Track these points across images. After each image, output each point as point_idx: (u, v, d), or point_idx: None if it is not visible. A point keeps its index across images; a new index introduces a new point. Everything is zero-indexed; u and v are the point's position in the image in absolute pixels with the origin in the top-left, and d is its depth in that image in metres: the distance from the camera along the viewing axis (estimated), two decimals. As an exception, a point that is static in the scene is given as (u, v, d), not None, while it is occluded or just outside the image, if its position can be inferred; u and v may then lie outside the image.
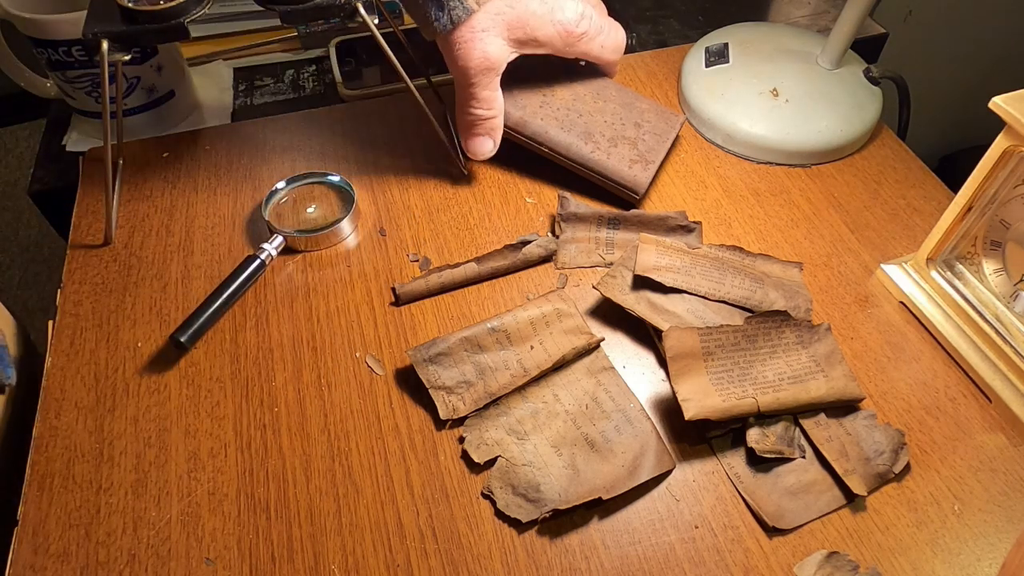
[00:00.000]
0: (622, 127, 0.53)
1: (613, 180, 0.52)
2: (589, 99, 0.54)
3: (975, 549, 0.38)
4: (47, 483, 0.40)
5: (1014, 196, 0.42)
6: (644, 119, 0.54)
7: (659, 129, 0.54)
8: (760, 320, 0.43)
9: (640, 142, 0.53)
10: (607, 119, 0.54)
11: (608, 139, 0.52)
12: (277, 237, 0.49)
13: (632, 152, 0.52)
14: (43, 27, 0.52)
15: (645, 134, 0.54)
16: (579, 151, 0.52)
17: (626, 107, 0.55)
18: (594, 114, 0.54)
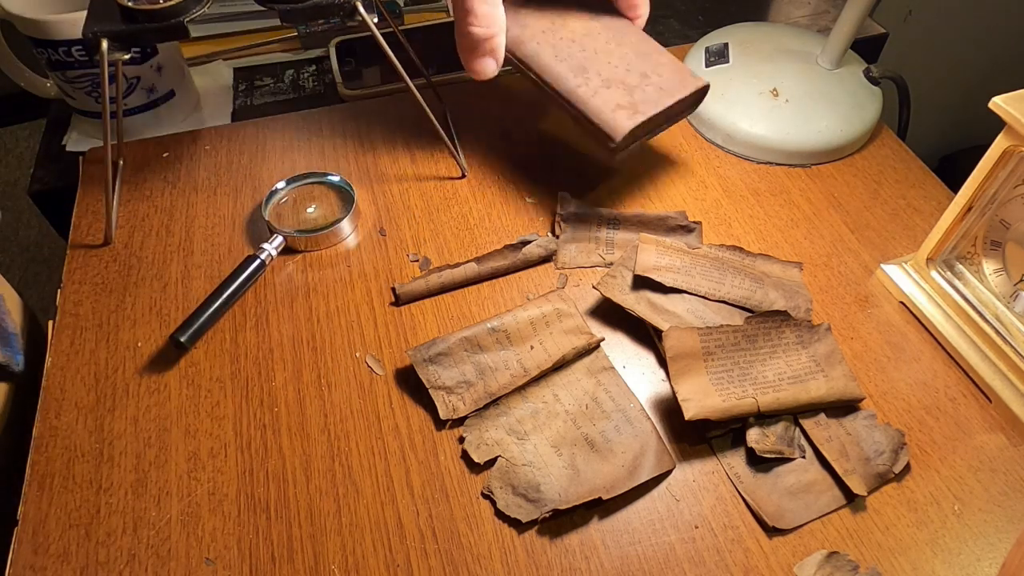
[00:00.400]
0: (626, 73, 0.48)
1: (590, 120, 0.47)
2: (602, 38, 0.49)
3: (975, 549, 0.38)
4: (47, 483, 0.40)
5: (1014, 196, 0.42)
6: (656, 72, 0.48)
7: (668, 84, 0.48)
8: (760, 320, 0.43)
9: (638, 91, 0.47)
10: (612, 61, 0.48)
11: (603, 79, 0.48)
12: (277, 237, 0.49)
13: (624, 98, 0.47)
14: (43, 27, 0.52)
15: (648, 85, 0.48)
16: (564, 83, 0.47)
17: (641, 56, 0.49)
18: (599, 53, 0.49)
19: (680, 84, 0.48)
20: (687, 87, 0.48)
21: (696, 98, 0.48)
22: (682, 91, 0.48)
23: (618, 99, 0.47)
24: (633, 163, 0.56)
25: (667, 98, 0.47)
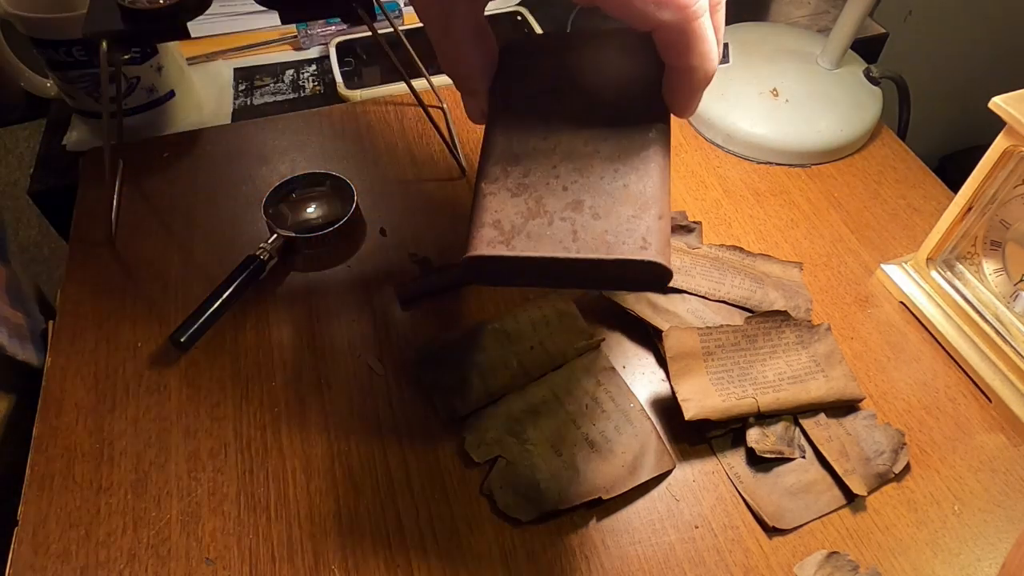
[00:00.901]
0: (576, 191, 0.31)
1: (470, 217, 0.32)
2: (599, 148, 0.33)
3: (975, 549, 0.38)
4: (47, 483, 0.40)
5: (1014, 196, 0.42)
6: (619, 219, 0.31)
7: (612, 239, 0.30)
8: (760, 320, 0.43)
9: (559, 223, 0.31)
10: (581, 172, 0.32)
11: (528, 181, 0.32)
12: (277, 237, 0.49)
13: (526, 218, 0.31)
14: (43, 27, 0.52)
15: (587, 227, 0.31)
16: (485, 160, 0.33)
17: (625, 192, 0.31)
18: (574, 155, 0.33)
19: (625, 245, 0.29)
20: (625, 251, 0.29)
21: (642, 273, 0.29)
22: (613, 252, 0.29)
23: (515, 215, 0.31)
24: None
25: (573, 249, 0.30)
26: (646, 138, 0.32)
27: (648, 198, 0.31)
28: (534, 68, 0.35)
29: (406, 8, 0.72)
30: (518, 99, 0.34)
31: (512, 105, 0.34)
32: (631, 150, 0.32)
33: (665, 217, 0.30)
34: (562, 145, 0.32)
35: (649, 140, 0.32)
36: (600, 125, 0.33)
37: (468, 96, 0.36)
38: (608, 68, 0.35)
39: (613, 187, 0.31)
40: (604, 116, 0.33)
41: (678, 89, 0.31)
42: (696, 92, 0.31)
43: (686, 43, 0.28)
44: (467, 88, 0.35)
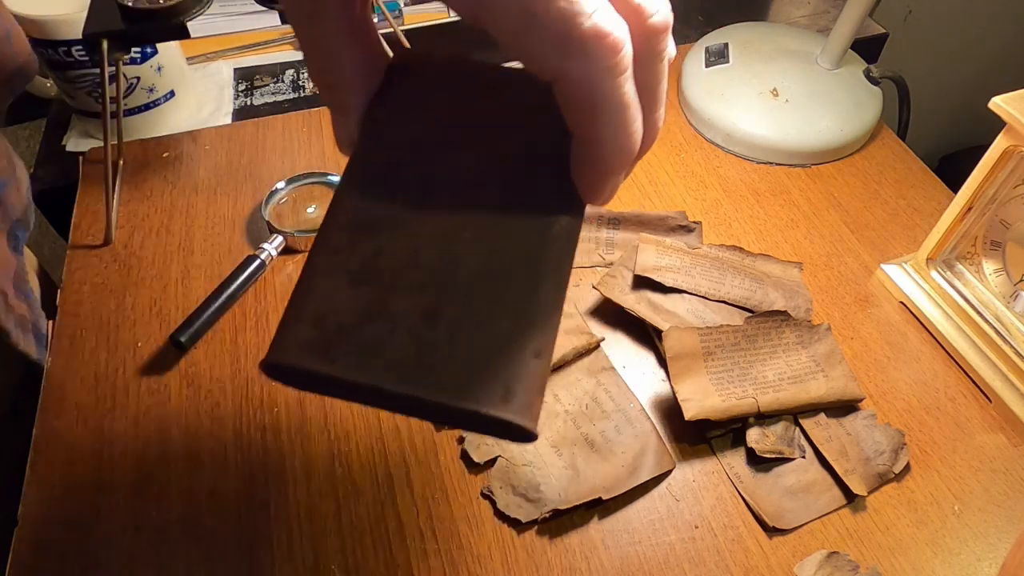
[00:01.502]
0: (436, 301, 0.24)
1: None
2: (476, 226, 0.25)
3: (975, 549, 0.38)
4: (47, 483, 0.40)
5: (1014, 196, 0.42)
6: (494, 339, 0.23)
7: (468, 383, 0.23)
8: (760, 320, 0.43)
9: (408, 333, 0.24)
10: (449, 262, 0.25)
11: (360, 270, 0.25)
12: (277, 237, 0.49)
13: (358, 319, 0.24)
14: (43, 27, 0.52)
15: (445, 341, 0.23)
16: (323, 233, 0.26)
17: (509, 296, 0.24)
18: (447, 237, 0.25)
19: (481, 392, 0.22)
20: (480, 401, 0.22)
21: (498, 428, 0.22)
22: (462, 399, 0.22)
23: (348, 311, 0.23)
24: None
25: (411, 381, 0.22)
26: (546, 235, 0.24)
27: (528, 324, 0.23)
28: (425, 99, 0.26)
29: (406, 8, 0.72)
30: (395, 139, 0.26)
31: (386, 145, 0.26)
32: (522, 249, 0.24)
33: (545, 355, 0.23)
34: (435, 221, 0.24)
35: (549, 239, 0.24)
36: (491, 202, 0.24)
37: (337, 114, 0.27)
38: (520, 124, 0.26)
39: (486, 299, 0.23)
40: (499, 190, 0.25)
41: (583, 166, 0.23)
42: (606, 175, 0.23)
43: (595, 106, 0.20)
44: (336, 103, 0.26)
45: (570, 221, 0.24)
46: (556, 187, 0.25)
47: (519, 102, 0.26)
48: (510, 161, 0.25)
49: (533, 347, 0.23)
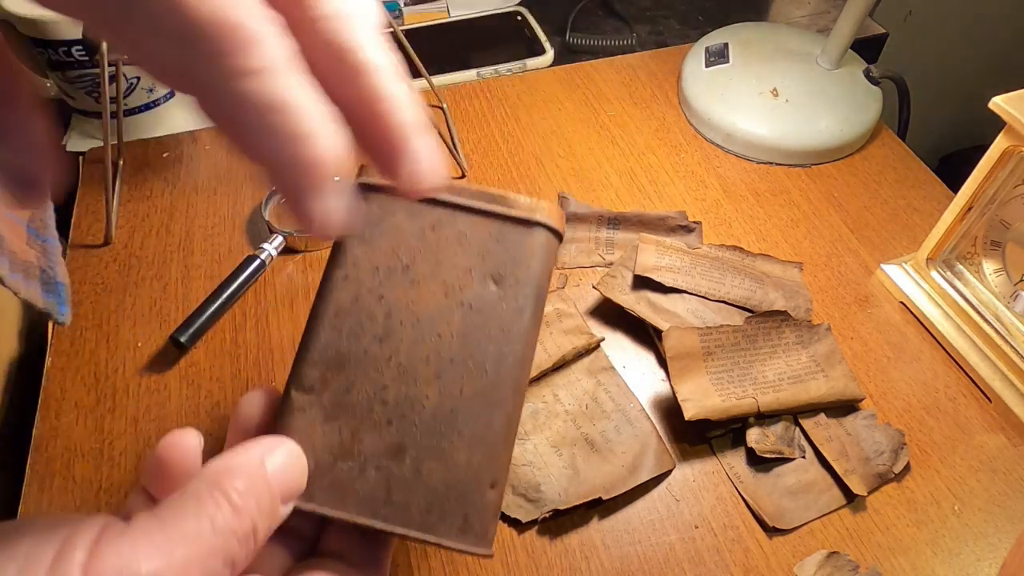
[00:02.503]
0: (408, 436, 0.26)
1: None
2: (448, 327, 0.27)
3: (975, 549, 0.38)
4: (47, 483, 0.40)
5: (1014, 196, 0.42)
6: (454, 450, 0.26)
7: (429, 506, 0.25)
8: (760, 320, 0.43)
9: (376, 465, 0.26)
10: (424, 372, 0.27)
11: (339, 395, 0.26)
12: (277, 237, 0.49)
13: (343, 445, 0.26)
14: (43, 27, 0.52)
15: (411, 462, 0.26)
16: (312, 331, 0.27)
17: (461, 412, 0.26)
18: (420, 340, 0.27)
19: (443, 523, 0.25)
20: (441, 533, 0.25)
21: (460, 552, 0.25)
22: (427, 531, 0.25)
23: (323, 448, 0.25)
24: (633, 163, 0.56)
25: (381, 515, 0.25)
26: (500, 369, 0.26)
27: (483, 456, 0.26)
28: (391, 226, 0.27)
29: (406, 8, 0.72)
30: (363, 269, 0.27)
31: (355, 277, 0.27)
32: (480, 383, 0.26)
33: (499, 485, 0.26)
34: (400, 355, 0.26)
35: (503, 373, 0.26)
36: (451, 336, 0.26)
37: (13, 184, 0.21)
38: (478, 254, 0.27)
39: (446, 434, 0.26)
40: (459, 324, 0.26)
41: (280, 185, 0.19)
42: (297, 193, 0.18)
43: (232, 116, 0.17)
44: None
45: (522, 353, 0.27)
46: (512, 323, 0.27)
47: (478, 230, 0.27)
48: (474, 296, 0.27)
49: (489, 478, 0.26)
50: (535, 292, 0.27)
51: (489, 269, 0.27)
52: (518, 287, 0.27)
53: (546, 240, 0.28)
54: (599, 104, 0.61)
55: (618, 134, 0.59)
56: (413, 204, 0.27)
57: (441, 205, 0.27)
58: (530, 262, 0.27)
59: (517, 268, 0.27)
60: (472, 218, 0.28)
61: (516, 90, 0.62)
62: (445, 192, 0.27)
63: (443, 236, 0.27)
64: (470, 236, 0.27)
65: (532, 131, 0.59)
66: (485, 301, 0.27)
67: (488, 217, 0.27)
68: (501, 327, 0.27)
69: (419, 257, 0.27)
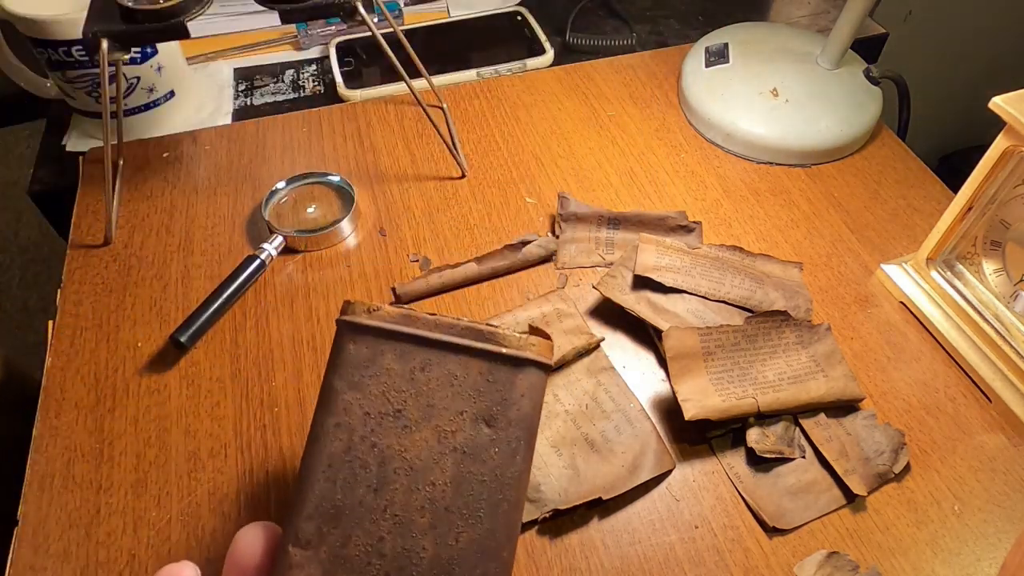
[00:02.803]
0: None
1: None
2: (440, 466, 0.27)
3: (975, 549, 0.38)
4: (47, 483, 0.40)
5: (1014, 196, 0.42)
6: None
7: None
8: (760, 320, 0.43)
9: None
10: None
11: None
12: (277, 237, 0.49)
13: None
14: (43, 27, 0.52)
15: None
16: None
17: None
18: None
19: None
20: None
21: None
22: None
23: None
24: (633, 163, 0.56)
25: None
26: (495, 515, 0.26)
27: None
28: (380, 368, 0.27)
29: (406, 8, 0.72)
30: (355, 416, 0.26)
31: (347, 424, 0.26)
32: (475, 531, 0.26)
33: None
34: (395, 505, 0.26)
35: (498, 520, 0.26)
36: (445, 484, 0.26)
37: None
38: (471, 402, 0.27)
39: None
40: (452, 470, 0.26)
41: None
42: None
43: None
44: None
45: (516, 496, 0.26)
46: (502, 462, 0.26)
47: (468, 370, 0.27)
48: (459, 437, 0.26)
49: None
50: (527, 432, 0.27)
51: (480, 411, 0.27)
52: (510, 428, 0.27)
53: (536, 378, 0.28)
54: (599, 104, 0.61)
55: (618, 134, 0.59)
56: (401, 344, 0.27)
57: (430, 344, 0.27)
58: (521, 403, 0.27)
59: (508, 409, 0.27)
60: (461, 357, 0.27)
61: (516, 90, 0.62)
62: (434, 329, 0.27)
63: (433, 377, 0.27)
64: (460, 377, 0.27)
65: (532, 131, 0.59)
66: (478, 444, 0.27)
67: (478, 355, 0.27)
68: (494, 472, 0.26)
69: (410, 400, 0.27)
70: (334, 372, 0.27)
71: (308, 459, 0.26)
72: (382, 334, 0.27)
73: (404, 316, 0.27)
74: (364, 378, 0.27)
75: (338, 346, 0.27)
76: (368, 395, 0.27)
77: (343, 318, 0.28)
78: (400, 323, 0.27)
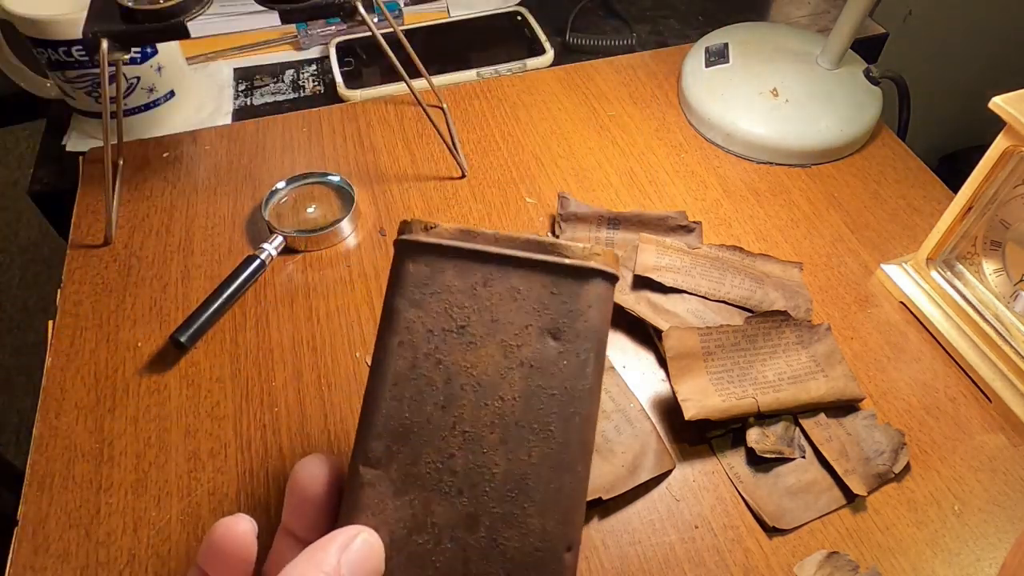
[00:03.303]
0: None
1: None
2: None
3: (975, 549, 0.38)
4: (47, 483, 0.40)
5: (1014, 196, 0.42)
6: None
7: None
8: (760, 320, 0.43)
9: None
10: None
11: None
12: (277, 237, 0.49)
13: None
14: (43, 27, 0.52)
15: None
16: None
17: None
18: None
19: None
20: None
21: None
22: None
23: (397, 522, 0.25)
24: (633, 163, 0.56)
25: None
26: (567, 430, 0.25)
27: (558, 522, 0.25)
28: (441, 285, 0.26)
29: (406, 8, 0.72)
30: (418, 334, 0.26)
31: (410, 342, 0.26)
32: (547, 446, 0.25)
33: (575, 547, 0.25)
34: (464, 421, 0.25)
35: (570, 434, 0.25)
36: (514, 399, 0.25)
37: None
38: (536, 315, 0.26)
39: (518, 500, 0.25)
40: (521, 385, 0.25)
41: None
42: None
43: None
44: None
45: (588, 409, 0.25)
46: (572, 375, 0.25)
47: (532, 283, 0.26)
48: (526, 351, 0.26)
49: (564, 543, 0.25)
50: (596, 345, 0.26)
51: (546, 324, 0.26)
52: (578, 341, 0.26)
53: (603, 288, 0.27)
54: (599, 104, 0.61)
55: (618, 134, 0.59)
56: (461, 260, 0.27)
57: (491, 259, 0.27)
58: (588, 313, 0.26)
59: (575, 320, 0.26)
60: (523, 271, 0.26)
61: (516, 90, 0.62)
62: (494, 244, 0.27)
63: (496, 292, 0.26)
64: (524, 291, 0.26)
65: (532, 131, 0.59)
66: (545, 358, 0.26)
67: (540, 268, 0.26)
68: (564, 385, 0.26)
69: (473, 316, 0.26)
70: (395, 292, 0.26)
71: (374, 379, 0.26)
72: (441, 251, 0.27)
73: (463, 232, 0.27)
74: (425, 296, 0.26)
75: (397, 266, 0.27)
76: (430, 312, 0.26)
77: (401, 237, 0.27)
78: (459, 239, 0.27)
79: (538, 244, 0.27)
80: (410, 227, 0.27)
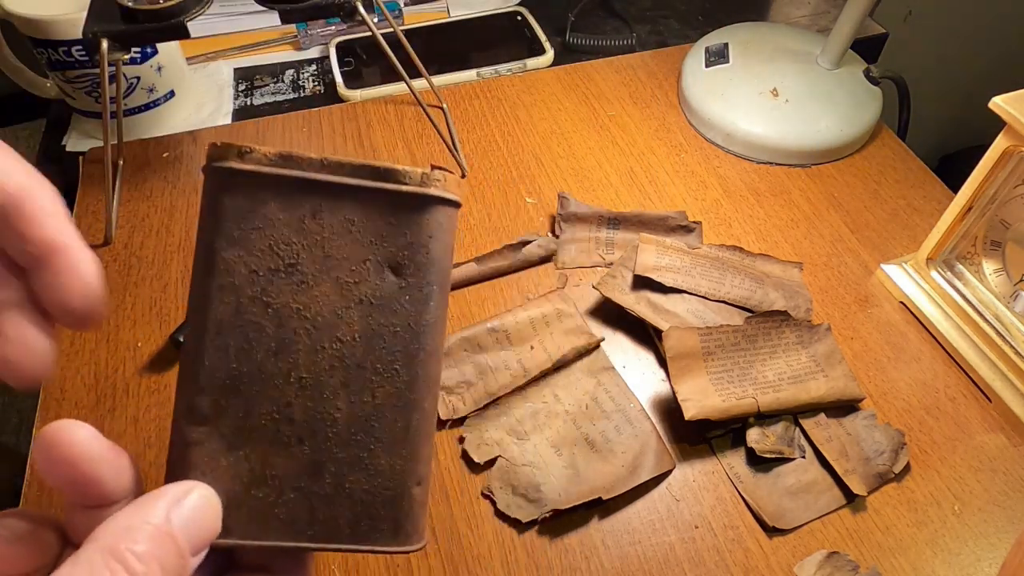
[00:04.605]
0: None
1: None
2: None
3: (975, 549, 0.38)
4: (47, 483, 0.40)
5: (1014, 196, 0.42)
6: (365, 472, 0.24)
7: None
8: (760, 320, 0.43)
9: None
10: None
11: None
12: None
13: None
14: (43, 27, 0.52)
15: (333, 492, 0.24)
16: None
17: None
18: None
19: (376, 532, 0.24)
20: (376, 540, 0.24)
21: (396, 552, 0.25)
22: (361, 540, 0.24)
23: (232, 479, 0.23)
24: (633, 163, 0.56)
25: (311, 535, 0.24)
26: (412, 367, 0.24)
27: (406, 459, 0.24)
28: (263, 219, 0.23)
29: (406, 8, 0.72)
30: (240, 275, 0.23)
31: (232, 285, 0.23)
32: (392, 385, 0.24)
33: (424, 481, 0.24)
34: (300, 367, 0.23)
35: (415, 371, 0.24)
36: (353, 340, 0.24)
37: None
38: (373, 248, 0.24)
39: (364, 443, 0.24)
40: (360, 324, 0.24)
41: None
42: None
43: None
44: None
45: (432, 343, 0.24)
46: (415, 310, 0.24)
47: (367, 212, 0.24)
48: (364, 288, 0.24)
49: (414, 478, 0.24)
50: (439, 277, 0.24)
51: (385, 258, 0.24)
52: (420, 274, 0.24)
53: (444, 216, 0.25)
54: (599, 104, 0.61)
55: (618, 134, 0.59)
56: (285, 190, 0.24)
57: (319, 188, 0.24)
58: (431, 244, 0.24)
59: (416, 252, 0.24)
60: (357, 200, 0.24)
61: (516, 90, 0.62)
62: (321, 170, 0.24)
63: (327, 225, 0.24)
64: (358, 222, 0.24)
65: (532, 131, 0.59)
66: (385, 294, 0.24)
67: (375, 197, 0.24)
68: (408, 322, 0.24)
69: (303, 253, 0.24)
70: (209, 228, 0.23)
71: (193, 330, 0.23)
72: (260, 179, 0.23)
73: (283, 157, 0.24)
74: (245, 231, 0.23)
75: (211, 199, 0.23)
76: (252, 251, 0.23)
77: (212, 164, 0.24)
78: (279, 166, 0.24)
79: (371, 170, 0.24)
80: (222, 152, 0.24)
